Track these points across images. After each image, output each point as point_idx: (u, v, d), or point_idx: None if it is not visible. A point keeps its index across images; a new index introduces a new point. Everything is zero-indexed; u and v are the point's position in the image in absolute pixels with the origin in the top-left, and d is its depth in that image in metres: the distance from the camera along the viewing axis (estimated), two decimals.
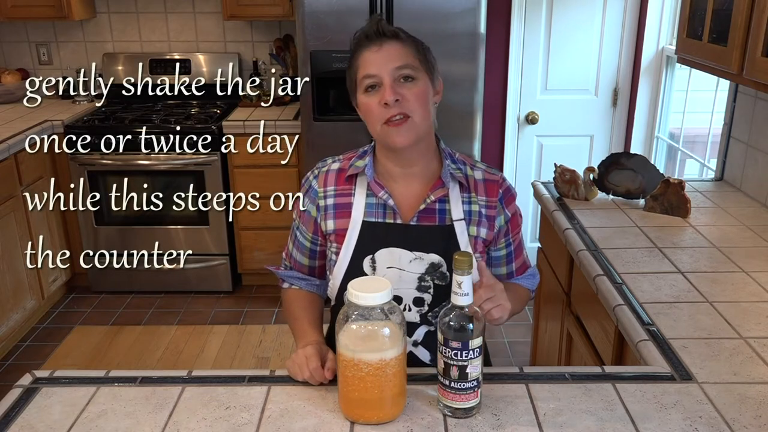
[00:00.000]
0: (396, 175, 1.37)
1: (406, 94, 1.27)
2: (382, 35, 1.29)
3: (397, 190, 1.37)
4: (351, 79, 1.35)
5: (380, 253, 1.33)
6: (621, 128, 3.71)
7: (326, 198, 1.39)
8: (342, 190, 1.38)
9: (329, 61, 3.05)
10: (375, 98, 1.28)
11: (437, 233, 1.34)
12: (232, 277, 3.71)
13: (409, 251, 1.33)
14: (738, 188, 2.34)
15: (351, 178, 1.38)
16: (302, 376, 1.21)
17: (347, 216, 1.36)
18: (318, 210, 1.39)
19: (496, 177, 1.40)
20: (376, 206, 1.35)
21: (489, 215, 1.37)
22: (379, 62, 1.27)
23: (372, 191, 1.35)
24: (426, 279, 1.33)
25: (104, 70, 3.89)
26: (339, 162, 1.41)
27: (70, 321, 3.47)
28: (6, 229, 3.10)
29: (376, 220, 1.35)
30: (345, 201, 1.37)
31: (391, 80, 1.27)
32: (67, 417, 1.14)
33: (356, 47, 1.32)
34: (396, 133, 1.28)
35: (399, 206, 1.35)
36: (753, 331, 1.41)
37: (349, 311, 1.09)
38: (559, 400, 1.17)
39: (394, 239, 1.33)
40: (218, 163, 3.45)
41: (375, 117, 1.29)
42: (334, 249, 1.38)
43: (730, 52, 1.78)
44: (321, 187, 1.40)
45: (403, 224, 1.34)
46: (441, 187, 1.35)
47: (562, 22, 3.55)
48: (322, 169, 1.42)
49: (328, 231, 1.38)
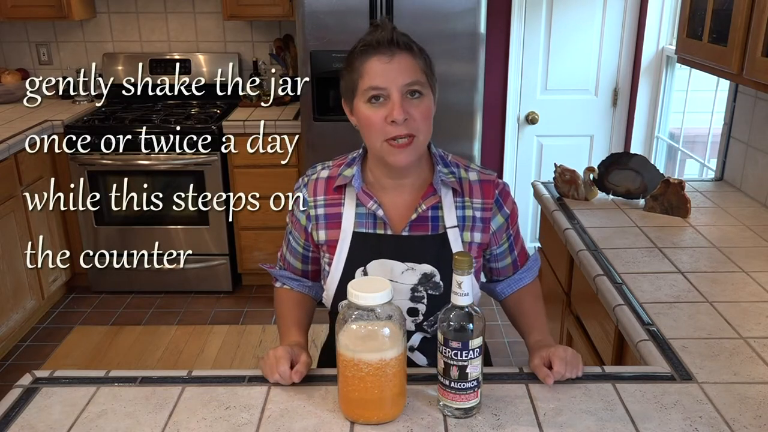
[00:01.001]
0: (386, 185, 1.34)
1: (413, 113, 1.23)
2: (395, 45, 1.23)
3: (388, 199, 1.34)
4: (350, 84, 1.28)
5: (372, 264, 1.32)
6: (621, 128, 3.71)
7: (316, 208, 1.36)
8: (332, 199, 1.36)
9: (329, 61, 3.05)
10: (379, 112, 1.23)
11: (430, 243, 1.32)
12: (232, 277, 3.71)
13: (401, 262, 1.32)
14: (738, 188, 2.34)
15: (340, 188, 1.35)
16: (272, 377, 1.21)
17: (338, 227, 1.34)
18: (309, 219, 1.38)
19: (491, 177, 1.38)
20: (367, 216, 1.33)
21: (484, 218, 1.36)
22: (389, 75, 1.22)
23: (361, 202, 1.33)
24: (419, 289, 1.32)
25: (104, 70, 3.89)
26: (328, 169, 1.38)
27: (70, 321, 3.47)
28: (6, 229, 3.10)
29: (366, 231, 1.33)
30: (335, 211, 1.35)
31: (400, 96, 1.22)
32: (67, 417, 1.14)
33: (363, 52, 1.25)
34: (399, 154, 1.25)
35: (389, 216, 1.33)
36: (753, 331, 1.41)
37: (349, 311, 1.09)
38: (559, 400, 1.17)
39: (386, 250, 1.32)
40: (218, 163, 3.45)
41: (376, 132, 1.25)
42: (326, 260, 1.37)
43: (730, 52, 1.78)
44: (311, 196, 1.37)
45: (394, 235, 1.32)
46: (433, 194, 1.32)
47: (562, 22, 3.55)
48: (312, 177, 1.39)
49: (320, 242, 1.37)
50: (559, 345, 1.26)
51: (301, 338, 1.36)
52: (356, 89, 1.27)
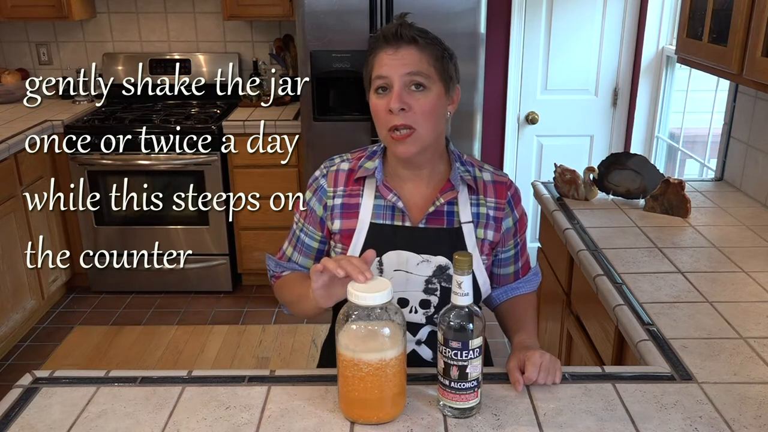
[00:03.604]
0: (405, 177, 1.37)
1: (413, 105, 1.25)
2: (399, 38, 1.27)
3: (406, 191, 1.36)
4: (366, 77, 1.34)
5: (388, 255, 1.33)
6: (621, 128, 3.71)
7: (335, 198, 1.38)
8: (351, 190, 1.38)
9: (329, 61, 3.05)
10: (383, 101, 1.27)
11: (445, 236, 1.33)
12: (232, 277, 3.71)
13: (417, 254, 1.33)
14: (738, 188, 2.34)
15: (360, 179, 1.37)
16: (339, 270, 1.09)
17: (354, 216, 1.36)
18: (325, 209, 1.39)
19: (504, 179, 1.41)
20: (385, 208, 1.35)
21: (497, 217, 1.37)
22: (393, 65, 1.26)
23: (381, 194, 1.35)
24: (433, 282, 1.33)
25: (104, 70, 3.89)
26: (348, 162, 1.40)
27: (70, 321, 3.47)
28: (6, 229, 3.10)
29: (384, 222, 1.35)
30: (353, 201, 1.37)
31: (400, 86, 1.25)
32: (67, 417, 1.14)
33: (374, 46, 1.31)
34: (399, 145, 1.28)
35: (408, 208, 1.35)
36: (753, 331, 1.41)
37: (349, 311, 1.09)
38: (559, 400, 1.17)
39: (402, 242, 1.33)
40: (218, 163, 3.45)
41: (381, 121, 1.29)
42: (339, 249, 1.38)
43: (730, 52, 1.78)
44: (331, 186, 1.39)
45: (411, 227, 1.34)
46: (450, 189, 1.34)
47: (562, 22, 3.55)
48: (331, 168, 1.40)
49: (334, 231, 1.38)
50: (537, 350, 1.25)
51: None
52: (369, 81, 1.32)
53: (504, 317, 1.47)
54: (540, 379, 1.19)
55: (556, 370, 1.21)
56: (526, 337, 1.34)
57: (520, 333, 1.36)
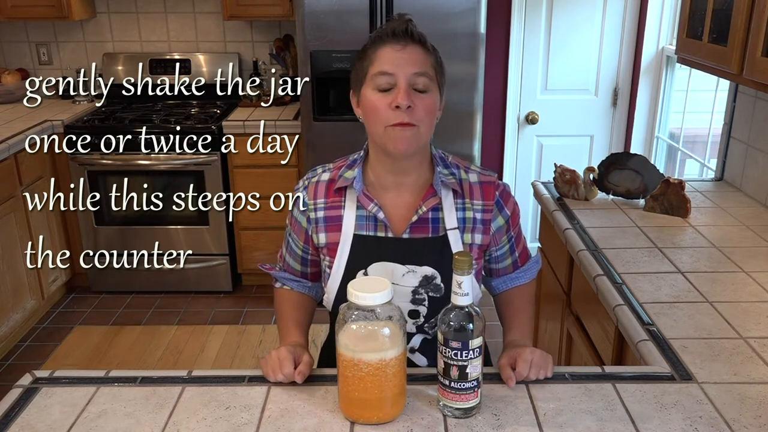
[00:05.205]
0: (387, 185, 1.34)
1: (417, 104, 1.24)
2: (409, 36, 1.26)
3: (388, 200, 1.34)
4: (360, 72, 1.29)
5: (373, 267, 1.32)
6: (621, 128, 3.71)
7: (316, 210, 1.36)
8: (332, 202, 1.35)
9: (329, 61, 3.05)
10: (385, 98, 1.24)
11: (430, 245, 1.32)
12: (232, 277, 3.71)
13: (402, 265, 1.31)
14: (738, 188, 2.34)
15: (340, 190, 1.35)
16: (274, 377, 1.21)
17: (338, 229, 1.34)
18: (309, 222, 1.37)
19: (491, 179, 1.38)
20: (367, 219, 1.33)
21: (485, 219, 1.35)
22: (400, 62, 1.24)
23: (361, 204, 1.33)
24: (420, 292, 1.32)
25: (104, 70, 3.89)
26: (329, 172, 1.38)
27: (70, 321, 3.47)
28: (6, 229, 3.10)
29: (367, 233, 1.33)
30: (335, 214, 1.35)
31: (407, 84, 1.24)
32: (67, 417, 1.14)
33: (377, 40, 1.28)
34: (400, 136, 1.24)
35: (390, 218, 1.33)
36: (753, 331, 1.41)
37: (349, 311, 1.09)
38: (559, 400, 1.17)
39: (387, 253, 1.32)
40: (218, 163, 3.45)
41: (380, 117, 1.25)
42: (327, 262, 1.37)
43: (730, 52, 1.78)
44: (311, 199, 1.37)
45: (395, 238, 1.32)
46: (433, 195, 1.32)
47: (562, 22, 3.55)
48: (312, 179, 1.39)
49: (320, 244, 1.37)
50: (527, 347, 1.25)
51: (301, 339, 1.36)
52: (366, 76, 1.28)
53: (501, 312, 1.48)
54: (531, 374, 1.20)
55: (547, 364, 1.22)
56: (518, 336, 1.36)
57: (512, 331, 1.39)
